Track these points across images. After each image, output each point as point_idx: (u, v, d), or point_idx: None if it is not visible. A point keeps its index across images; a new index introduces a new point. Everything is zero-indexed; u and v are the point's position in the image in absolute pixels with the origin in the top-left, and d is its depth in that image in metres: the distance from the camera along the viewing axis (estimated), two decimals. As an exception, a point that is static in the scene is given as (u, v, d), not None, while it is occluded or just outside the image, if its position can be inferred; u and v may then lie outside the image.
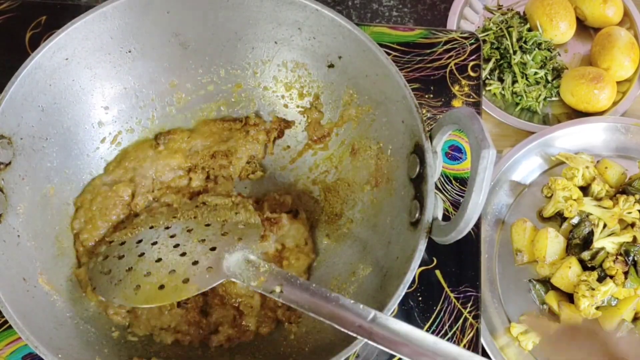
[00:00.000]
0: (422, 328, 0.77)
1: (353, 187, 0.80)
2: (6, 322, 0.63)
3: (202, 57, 0.81)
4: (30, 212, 0.70)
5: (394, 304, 0.64)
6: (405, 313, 0.77)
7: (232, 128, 0.82)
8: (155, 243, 0.73)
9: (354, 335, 0.61)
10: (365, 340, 0.61)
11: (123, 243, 0.74)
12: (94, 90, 0.76)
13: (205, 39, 0.79)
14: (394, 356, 0.76)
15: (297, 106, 0.83)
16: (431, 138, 0.69)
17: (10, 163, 0.66)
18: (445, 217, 0.82)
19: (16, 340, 0.66)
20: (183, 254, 0.71)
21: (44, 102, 0.71)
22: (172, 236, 0.73)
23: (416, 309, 0.78)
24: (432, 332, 0.77)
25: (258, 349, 0.73)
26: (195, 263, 0.69)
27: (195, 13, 0.76)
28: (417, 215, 0.68)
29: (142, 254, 0.72)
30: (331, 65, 0.79)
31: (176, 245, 0.72)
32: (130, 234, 0.75)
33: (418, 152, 0.69)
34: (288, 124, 0.84)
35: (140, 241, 0.74)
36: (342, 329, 0.61)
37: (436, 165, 0.68)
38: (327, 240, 0.80)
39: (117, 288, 0.70)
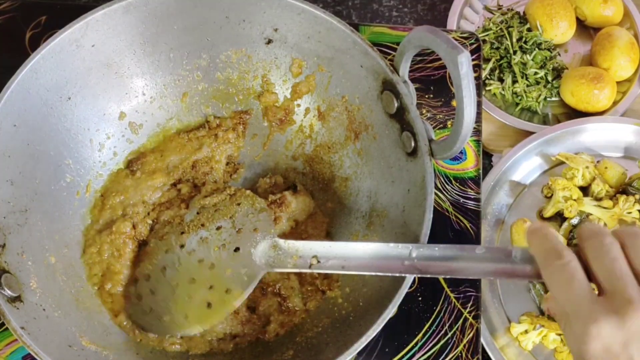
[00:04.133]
0: (421, 328, 0.77)
1: (334, 148, 0.80)
2: (6, 322, 0.63)
3: (138, 81, 0.79)
4: (43, 285, 0.69)
5: (426, 231, 0.64)
6: (405, 313, 0.77)
7: (198, 136, 0.81)
8: (179, 265, 0.72)
9: (402, 275, 0.62)
10: (415, 275, 0.62)
11: (148, 278, 0.73)
12: (49, 149, 0.73)
13: (135, 61, 0.77)
14: (399, 350, 0.76)
15: (249, 94, 0.82)
16: (396, 70, 0.69)
17: (4, 245, 0.66)
18: (439, 213, 0.82)
19: (16, 340, 0.66)
20: (212, 267, 0.70)
21: (10, 175, 0.69)
22: (190, 253, 0.72)
23: (416, 309, 0.77)
24: (432, 332, 0.77)
25: (315, 325, 0.72)
26: (228, 271, 0.69)
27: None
28: (411, 144, 0.68)
29: (174, 282, 0.71)
30: (269, 41, 0.77)
31: (200, 260, 0.71)
32: (151, 266, 0.74)
33: (389, 88, 0.69)
34: (247, 113, 0.82)
35: (164, 269, 0.73)
36: (389, 274, 0.62)
37: (411, 93, 0.68)
38: (331, 204, 0.80)
39: (169, 323, 0.69)
